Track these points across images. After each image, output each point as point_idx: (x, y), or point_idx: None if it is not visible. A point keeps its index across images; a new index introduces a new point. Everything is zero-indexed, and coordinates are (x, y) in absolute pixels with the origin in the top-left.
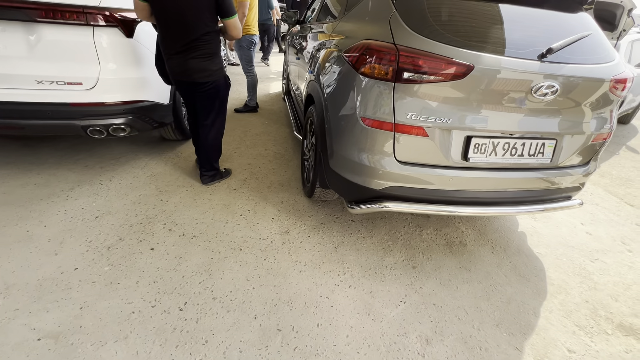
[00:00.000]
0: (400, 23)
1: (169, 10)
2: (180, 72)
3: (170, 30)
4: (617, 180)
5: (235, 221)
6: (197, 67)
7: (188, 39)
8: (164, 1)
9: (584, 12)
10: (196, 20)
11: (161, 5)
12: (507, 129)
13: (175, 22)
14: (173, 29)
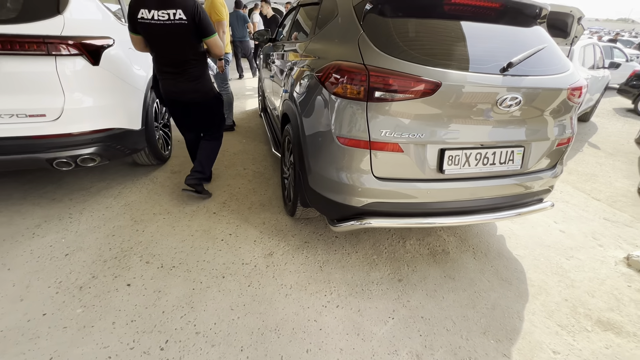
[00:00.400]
0: (369, 43)
1: (157, 38)
2: (175, 93)
3: (160, 56)
4: (583, 176)
5: (217, 247)
6: (189, 89)
7: (177, 62)
8: (152, 31)
9: (538, 26)
10: (182, 45)
11: (150, 34)
12: (478, 140)
13: (164, 48)
14: (163, 54)
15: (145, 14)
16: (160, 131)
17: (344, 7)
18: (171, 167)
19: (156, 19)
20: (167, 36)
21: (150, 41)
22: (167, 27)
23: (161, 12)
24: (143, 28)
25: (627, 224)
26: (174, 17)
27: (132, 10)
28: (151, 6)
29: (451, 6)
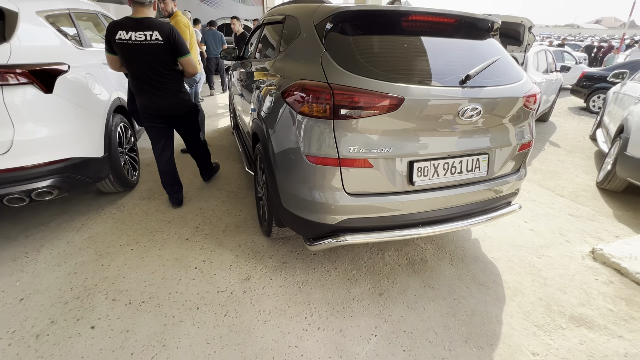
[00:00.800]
0: (331, 62)
1: (134, 57)
2: (154, 108)
3: (138, 74)
4: (547, 174)
5: (190, 276)
6: (170, 103)
7: (154, 79)
8: (129, 51)
9: (491, 38)
10: (158, 63)
11: (127, 54)
12: (445, 151)
13: (141, 67)
14: (140, 72)
15: (122, 35)
16: (126, 156)
17: (306, 26)
18: (139, 193)
19: (133, 40)
20: (144, 55)
21: (128, 61)
22: (145, 47)
23: (138, 34)
24: (120, 48)
25: (590, 217)
26: (151, 38)
27: (109, 32)
28: (129, 28)
29: (409, 23)
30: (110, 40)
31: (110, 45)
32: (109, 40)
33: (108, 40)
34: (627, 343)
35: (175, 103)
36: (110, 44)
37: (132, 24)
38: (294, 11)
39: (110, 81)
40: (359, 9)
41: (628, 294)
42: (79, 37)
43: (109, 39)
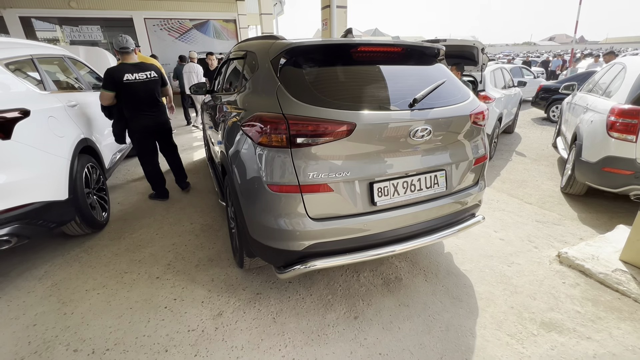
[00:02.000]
0: (285, 94)
1: (140, 91)
2: (153, 126)
3: (141, 103)
4: (514, 183)
5: (159, 317)
6: (162, 120)
7: (152, 105)
8: (136, 87)
9: (439, 63)
10: (156, 93)
11: (134, 89)
12: (402, 170)
13: (145, 97)
14: (143, 102)
15: (129, 77)
16: (94, 196)
17: (263, 61)
18: (109, 234)
19: (138, 79)
20: (147, 88)
21: (134, 94)
22: (147, 83)
23: (140, 74)
24: (127, 86)
25: (556, 222)
26: (150, 76)
27: (117, 75)
28: (133, 71)
29: (359, 53)
30: (118, 81)
31: (116, 85)
32: (117, 82)
33: (115, 82)
34: (595, 344)
35: (165, 120)
36: (116, 84)
37: (133, 68)
38: (253, 47)
39: (77, 124)
40: (310, 43)
41: (593, 295)
42: (42, 81)
43: (117, 81)
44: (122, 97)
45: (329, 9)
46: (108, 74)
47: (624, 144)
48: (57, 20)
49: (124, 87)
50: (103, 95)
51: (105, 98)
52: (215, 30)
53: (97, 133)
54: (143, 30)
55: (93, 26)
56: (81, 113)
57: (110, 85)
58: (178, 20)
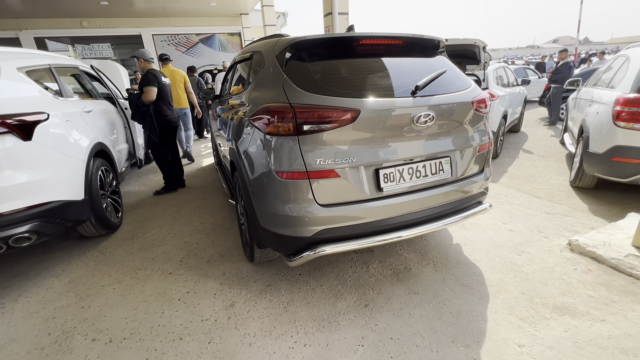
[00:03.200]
0: (291, 85)
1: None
2: (176, 122)
3: (168, 101)
4: (523, 179)
5: (173, 308)
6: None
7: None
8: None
9: (439, 55)
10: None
11: (165, 89)
12: (407, 156)
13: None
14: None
15: (164, 79)
16: (108, 199)
17: (269, 57)
18: (122, 235)
19: (167, 82)
20: (170, 90)
21: (166, 92)
22: (169, 86)
23: (166, 79)
24: (163, 86)
25: (566, 214)
26: (169, 82)
27: (159, 76)
28: (162, 76)
29: (361, 47)
30: (159, 81)
31: (158, 83)
32: (158, 81)
33: (157, 82)
34: (609, 326)
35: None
36: (157, 83)
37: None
38: (259, 47)
39: (92, 128)
40: (314, 38)
41: (606, 280)
42: (60, 88)
43: (158, 81)
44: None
45: (331, 16)
46: (152, 74)
47: (631, 133)
48: (69, 40)
49: (160, 86)
50: (151, 91)
51: (152, 93)
52: (220, 43)
53: (110, 138)
54: (151, 46)
55: (104, 44)
56: (96, 119)
57: (154, 84)
58: (185, 35)
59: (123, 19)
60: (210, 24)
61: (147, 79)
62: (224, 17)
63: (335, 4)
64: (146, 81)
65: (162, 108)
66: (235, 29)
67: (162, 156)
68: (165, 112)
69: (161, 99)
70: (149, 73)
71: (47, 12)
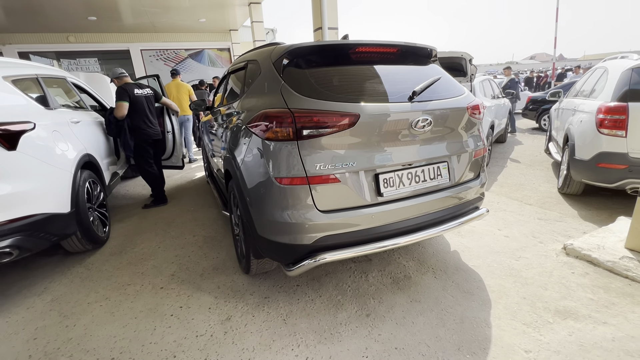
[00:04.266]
0: (290, 90)
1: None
2: (156, 134)
3: (146, 115)
4: (512, 187)
5: (166, 324)
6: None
7: (153, 116)
8: (141, 101)
9: (433, 64)
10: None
11: (140, 103)
12: (405, 161)
13: (148, 110)
14: (148, 114)
15: (137, 91)
16: (95, 212)
17: (265, 65)
18: (110, 249)
19: (143, 94)
20: (148, 103)
21: (142, 106)
22: (148, 98)
23: (143, 91)
24: (137, 98)
25: (557, 219)
26: (149, 93)
27: (130, 90)
28: (138, 88)
29: (357, 54)
30: (131, 94)
31: (129, 97)
32: (130, 94)
33: (128, 95)
34: (612, 328)
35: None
36: (129, 96)
37: (138, 87)
38: (254, 56)
39: (79, 139)
40: (311, 45)
41: (604, 282)
42: (47, 98)
43: (130, 94)
44: (131, 109)
45: (321, 31)
46: (122, 89)
47: (615, 139)
48: (54, 55)
49: (134, 100)
50: (121, 107)
51: (122, 108)
52: (210, 58)
53: (98, 150)
54: (139, 61)
55: (90, 59)
56: (83, 130)
57: (124, 97)
58: (174, 51)
59: (111, 34)
60: (200, 39)
61: (118, 94)
62: (213, 33)
63: (325, 19)
64: (117, 96)
65: (138, 122)
66: (225, 45)
67: (144, 170)
68: (142, 126)
69: (136, 113)
70: (120, 88)
71: (33, 27)
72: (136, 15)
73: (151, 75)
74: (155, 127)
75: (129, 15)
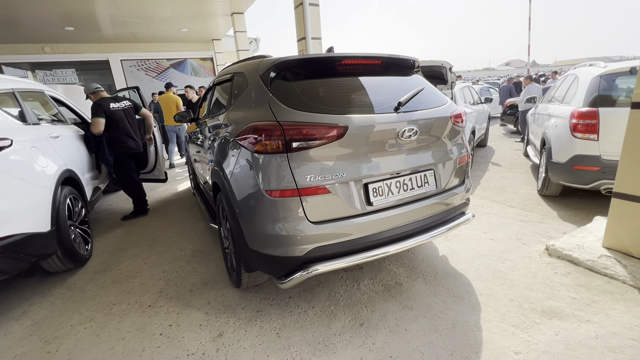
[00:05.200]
0: (278, 103)
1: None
2: (137, 147)
3: (125, 127)
4: (495, 190)
5: (155, 344)
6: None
7: (134, 129)
8: (119, 114)
9: (416, 74)
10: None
11: (118, 116)
12: (394, 170)
13: (127, 122)
14: (127, 126)
15: (114, 105)
16: (76, 229)
17: (253, 78)
18: (93, 268)
19: (120, 107)
20: (127, 115)
21: (119, 120)
22: (126, 110)
23: (120, 104)
24: (113, 113)
25: (539, 221)
26: (127, 105)
27: (105, 105)
28: (115, 102)
29: (343, 66)
30: (107, 108)
31: (104, 112)
32: (105, 109)
33: (103, 110)
34: (595, 325)
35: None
36: (104, 111)
37: (114, 100)
38: (240, 68)
39: (59, 154)
40: (297, 57)
41: (585, 281)
42: (24, 113)
43: (106, 108)
44: (108, 124)
45: (304, 41)
46: (97, 105)
47: (588, 143)
48: (29, 66)
49: (111, 113)
50: (96, 122)
51: (98, 125)
52: (192, 68)
53: (79, 164)
54: (120, 72)
55: (68, 69)
56: (63, 145)
57: (99, 112)
58: (155, 61)
59: (89, 44)
60: (182, 49)
61: (93, 110)
62: (195, 43)
63: (308, 30)
64: (92, 113)
65: (117, 136)
66: (208, 54)
67: (126, 183)
68: (121, 139)
69: (113, 128)
70: (94, 104)
71: (5, 37)
72: (116, 26)
73: (131, 87)
74: (136, 140)
75: (109, 26)
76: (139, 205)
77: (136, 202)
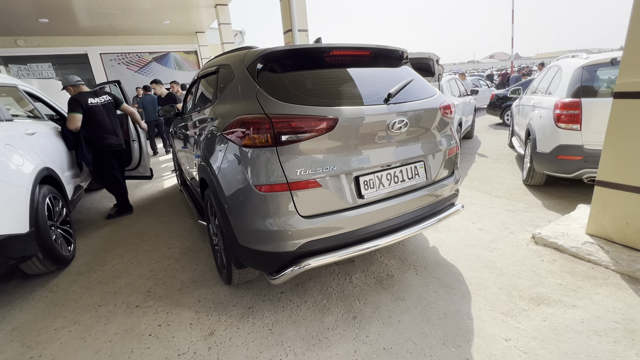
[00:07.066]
0: (266, 96)
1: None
2: (118, 144)
3: (105, 123)
4: (482, 181)
5: (144, 345)
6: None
7: (116, 124)
8: (98, 110)
9: (404, 66)
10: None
11: (97, 112)
12: (384, 162)
13: (107, 118)
14: (106, 122)
15: (92, 100)
16: (57, 230)
17: (239, 70)
18: (76, 269)
19: (99, 102)
20: (106, 111)
21: (98, 115)
22: (106, 105)
23: (99, 99)
24: (91, 108)
25: (524, 210)
26: (107, 100)
27: (83, 100)
28: (94, 96)
29: (331, 57)
30: (85, 104)
31: (82, 107)
32: (83, 104)
33: (81, 105)
34: (580, 310)
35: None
36: (82, 106)
37: (93, 94)
38: (226, 60)
39: (36, 151)
40: (285, 48)
41: (570, 267)
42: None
43: (84, 104)
44: (87, 120)
45: (291, 33)
46: (74, 100)
47: (571, 133)
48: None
49: (89, 109)
50: (74, 119)
51: (74, 120)
52: (176, 62)
53: (58, 162)
54: (99, 66)
55: (44, 63)
56: (40, 142)
57: (76, 107)
58: (137, 54)
59: (66, 37)
60: (165, 42)
61: (70, 105)
62: (179, 36)
63: (294, 21)
64: (69, 107)
65: (96, 133)
66: (192, 47)
67: (106, 180)
68: (100, 136)
69: (92, 124)
70: (71, 98)
71: None
72: (93, 18)
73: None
74: (117, 136)
75: (86, 18)
76: (123, 203)
77: (120, 200)
